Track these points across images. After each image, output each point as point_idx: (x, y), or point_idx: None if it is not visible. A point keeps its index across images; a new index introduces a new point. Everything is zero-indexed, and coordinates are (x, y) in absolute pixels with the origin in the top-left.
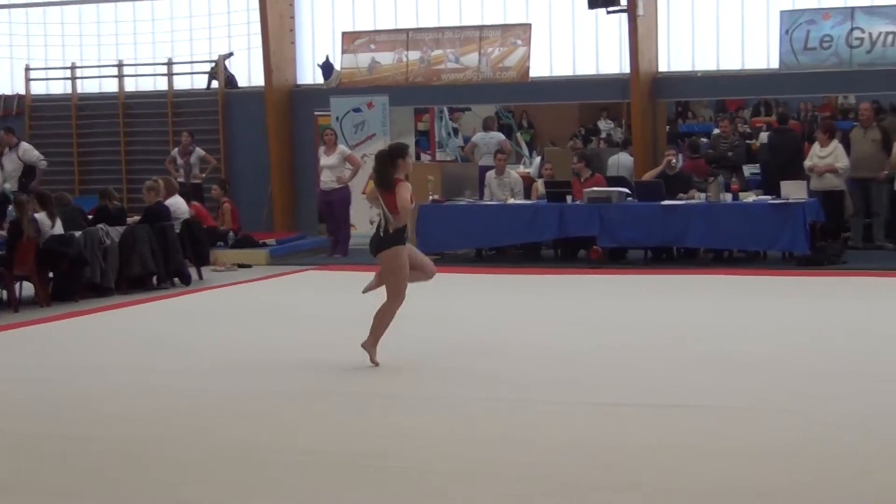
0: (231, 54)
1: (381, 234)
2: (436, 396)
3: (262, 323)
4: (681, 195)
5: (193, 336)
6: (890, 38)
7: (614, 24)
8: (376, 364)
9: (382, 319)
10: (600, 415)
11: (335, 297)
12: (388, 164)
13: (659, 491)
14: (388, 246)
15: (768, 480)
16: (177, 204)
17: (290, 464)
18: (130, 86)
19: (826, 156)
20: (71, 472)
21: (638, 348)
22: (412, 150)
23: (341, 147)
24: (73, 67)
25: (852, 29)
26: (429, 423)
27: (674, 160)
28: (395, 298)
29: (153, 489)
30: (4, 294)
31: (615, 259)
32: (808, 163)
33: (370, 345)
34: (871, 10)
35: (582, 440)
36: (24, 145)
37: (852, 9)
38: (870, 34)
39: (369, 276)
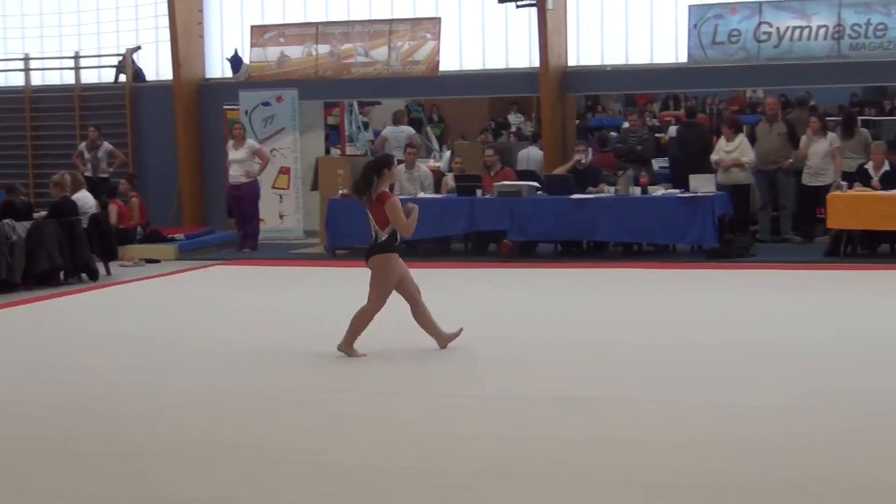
0: (139, 48)
1: (372, 243)
2: (356, 390)
3: (178, 317)
4: (590, 189)
5: (108, 331)
6: (797, 32)
7: (524, 19)
8: (363, 355)
9: (359, 322)
10: (497, 408)
11: (246, 292)
12: (372, 174)
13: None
14: (379, 252)
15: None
16: (84, 199)
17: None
18: (37, 79)
19: (732, 150)
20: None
21: (545, 341)
22: (321, 144)
23: (250, 141)
24: None
25: (760, 23)
26: (366, 415)
27: (583, 159)
28: (376, 303)
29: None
30: None
31: (525, 253)
32: (714, 157)
33: (346, 346)
34: (778, 5)
35: (477, 433)
36: None
37: (760, 3)
38: (777, 28)
39: (279, 270)
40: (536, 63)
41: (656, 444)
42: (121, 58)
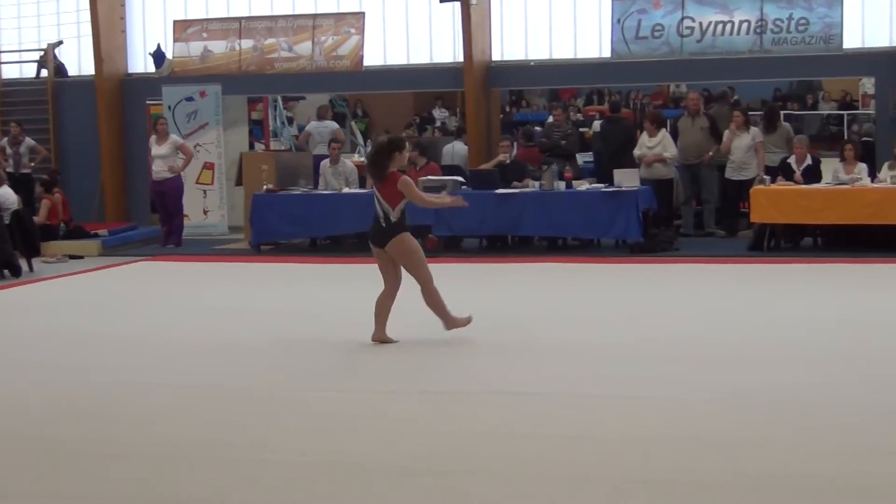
0: (61, 42)
1: (384, 224)
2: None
3: (105, 313)
4: (515, 183)
5: (35, 328)
6: (720, 27)
7: (448, 14)
8: (468, 317)
9: (436, 300)
10: (423, 401)
11: (172, 287)
12: (384, 156)
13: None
14: (394, 234)
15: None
16: (6, 195)
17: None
18: None
19: (654, 146)
20: None
21: (465, 337)
22: (245, 139)
23: (173, 136)
24: None
25: (683, 18)
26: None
27: (507, 160)
28: (427, 280)
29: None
30: None
31: (450, 248)
32: (637, 152)
33: (449, 320)
34: (701, 0)
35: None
36: None
37: None
38: (700, 23)
39: (204, 266)
40: (460, 58)
41: (590, 440)
42: (42, 53)
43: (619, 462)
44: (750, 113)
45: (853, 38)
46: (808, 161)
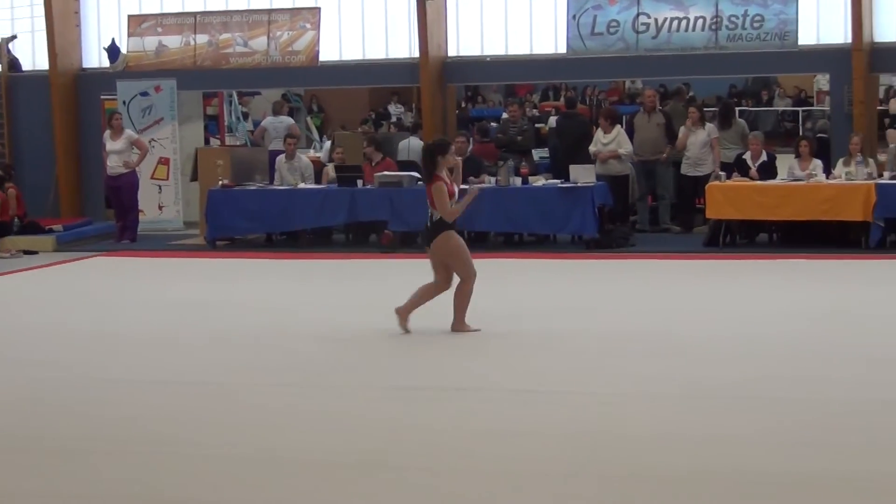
0: (14, 37)
1: (429, 223)
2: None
3: (62, 308)
4: (471, 179)
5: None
6: (675, 23)
7: (403, 9)
8: (476, 329)
9: (463, 300)
10: (391, 399)
11: (128, 283)
12: (427, 160)
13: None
14: (439, 233)
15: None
16: None
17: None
18: None
19: (609, 142)
20: None
21: (421, 332)
22: (200, 134)
23: (128, 132)
24: None
25: (638, 14)
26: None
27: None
28: (468, 277)
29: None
30: None
31: (406, 243)
32: (592, 149)
33: (459, 324)
34: None
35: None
36: None
37: None
38: (655, 19)
39: (160, 261)
40: (416, 54)
41: (537, 435)
42: None
43: (565, 457)
44: (705, 109)
45: (808, 35)
46: (764, 157)
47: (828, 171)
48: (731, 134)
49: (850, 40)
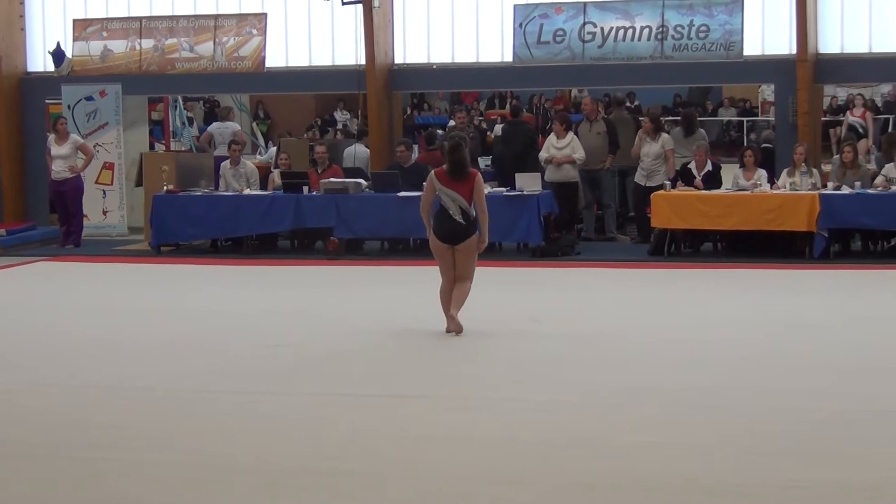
0: None
1: (463, 221)
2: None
3: (4, 314)
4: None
5: None
6: (621, 32)
7: (350, 16)
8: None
9: (464, 295)
10: (335, 405)
11: (71, 288)
12: (462, 156)
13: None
14: (473, 232)
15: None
16: None
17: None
18: None
19: (563, 147)
20: None
21: (367, 340)
22: (146, 139)
23: (74, 136)
24: None
25: (584, 23)
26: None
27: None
28: (471, 279)
29: None
30: None
31: (352, 250)
32: (544, 154)
33: (454, 311)
34: (602, 5)
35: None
36: None
37: (584, 3)
38: (602, 28)
39: (105, 266)
40: (363, 60)
41: (469, 440)
42: None
43: (508, 463)
44: (667, 118)
45: (753, 46)
46: (709, 167)
47: (772, 181)
48: (691, 142)
49: (794, 51)
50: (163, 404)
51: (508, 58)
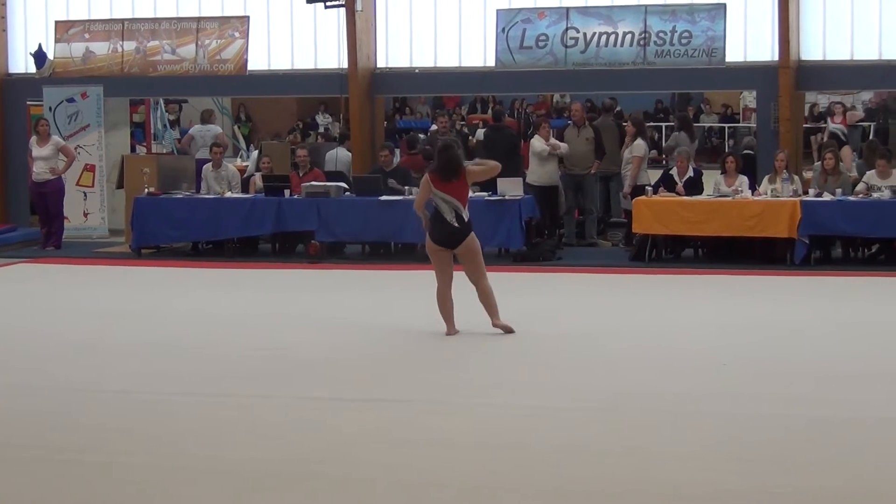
0: None
1: (457, 224)
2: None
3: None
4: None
5: None
6: (604, 38)
7: (333, 19)
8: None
9: (490, 297)
10: (308, 408)
11: (52, 290)
12: (454, 158)
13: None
14: (469, 233)
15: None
16: None
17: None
18: None
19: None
20: None
21: (347, 345)
22: (127, 141)
23: (55, 138)
24: None
25: (567, 28)
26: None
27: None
28: (485, 275)
29: None
30: None
31: (333, 253)
32: (543, 146)
33: (496, 317)
34: (585, 11)
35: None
36: None
37: (567, 9)
38: (584, 34)
39: (85, 269)
40: (345, 64)
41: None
42: None
43: (486, 469)
44: (649, 124)
45: (736, 52)
46: (690, 173)
47: (753, 187)
48: (696, 147)
49: (777, 58)
50: (144, 407)
51: (491, 62)
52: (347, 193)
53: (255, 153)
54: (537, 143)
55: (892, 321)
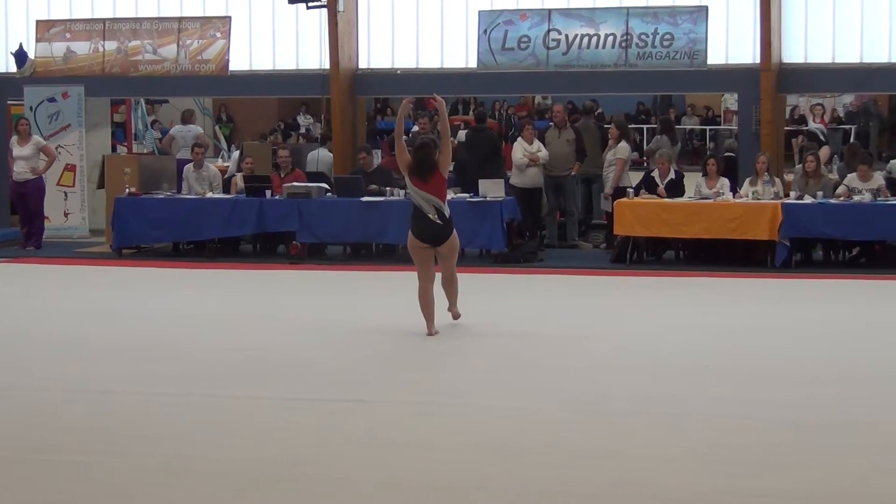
0: None
1: (440, 221)
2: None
3: None
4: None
5: None
6: (585, 40)
7: (315, 20)
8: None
9: (456, 285)
10: (294, 409)
11: (32, 290)
12: (435, 154)
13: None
14: (451, 230)
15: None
16: None
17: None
18: None
19: (535, 152)
20: None
21: (327, 344)
22: (108, 141)
23: (36, 138)
24: None
25: (549, 30)
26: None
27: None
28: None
29: None
30: None
31: (314, 254)
32: (522, 157)
33: (455, 306)
34: (567, 13)
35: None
36: None
37: (549, 10)
38: (566, 36)
39: (66, 269)
40: (327, 65)
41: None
42: None
43: (470, 470)
44: (633, 126)
45: (717, 55)
46: (672, 175)
47: (735, 190)
48: (678, 151)
49: (758, 60)
50: (125, 408)
51: (473, 64)
52: (329, 194)
53: (235, 153)
54: (518, 152)
55: (872, 324)
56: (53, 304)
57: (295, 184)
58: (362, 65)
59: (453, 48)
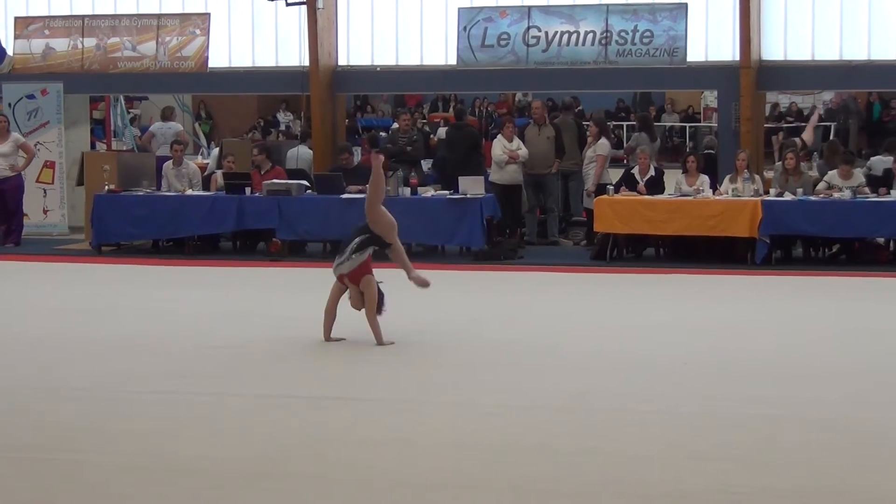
0: None
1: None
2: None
3: None
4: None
5: None
6: (565, 37)
7: (294, 17)
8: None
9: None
10: (274, 407)
11: (10, 287)
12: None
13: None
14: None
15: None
16: None
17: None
18: None
19: (515, 149)
20: None
21: (309, 342)
22: (87, 138)
23: (15, 135)
24: None
25: (529, 27)
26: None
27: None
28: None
29: None
30: None
31: (294, 252)
32: (502, 154)
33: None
34: (547, 10)
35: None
36: None
37: (529, 7)
38: (546, 33)
39: (45, 266)
40: (306, 62)
41: (416, 445)
42: None
43: (453, 467)
44: (613, 123)
45: (697, 52)
46: (652, 172)
47: (714, 187)
48: (658, 147)
49: (738, 58)
50: (105, 405)
51: (452, 61)
52: (309, 191)
53: (215, 151)
54: (498, 149)
55: (852, 321)
56: (32, 302)
57: (275, 181)
58: (342, 62)
59: (433, 45)
